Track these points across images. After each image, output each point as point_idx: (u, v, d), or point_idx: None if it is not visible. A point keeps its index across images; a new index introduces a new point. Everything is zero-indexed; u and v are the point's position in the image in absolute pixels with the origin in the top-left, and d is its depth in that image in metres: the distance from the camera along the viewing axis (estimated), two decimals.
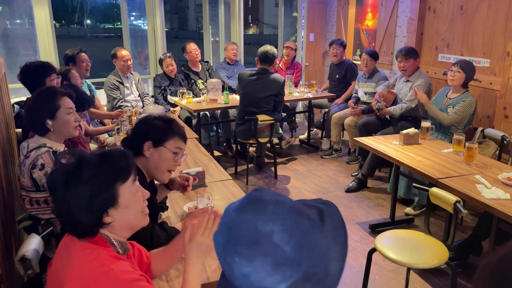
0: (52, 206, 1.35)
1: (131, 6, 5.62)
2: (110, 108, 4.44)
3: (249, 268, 0.69)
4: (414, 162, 2.83)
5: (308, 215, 0.73)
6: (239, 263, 0.70)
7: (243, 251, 0.70)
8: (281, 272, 0.68)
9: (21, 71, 2.93)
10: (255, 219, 0.71)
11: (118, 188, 1.14)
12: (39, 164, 1.96)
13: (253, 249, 0.69)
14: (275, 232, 0.69)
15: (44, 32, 4.70)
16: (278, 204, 0.73)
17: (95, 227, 1.13)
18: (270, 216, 0.71)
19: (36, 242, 1.66)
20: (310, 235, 0.70)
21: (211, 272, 1.57)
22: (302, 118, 6.32)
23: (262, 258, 0.69)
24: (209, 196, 1.83)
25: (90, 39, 32.47)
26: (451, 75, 3.45)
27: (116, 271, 1.07)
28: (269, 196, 0.75)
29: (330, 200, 0.81)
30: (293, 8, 6.85)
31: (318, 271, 0.70)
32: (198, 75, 5.18)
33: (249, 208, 0.73)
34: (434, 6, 4.42)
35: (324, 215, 0.76)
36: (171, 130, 1.75)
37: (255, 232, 0.70)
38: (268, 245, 0.69)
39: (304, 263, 0.69)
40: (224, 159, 4.91)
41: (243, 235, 0.71)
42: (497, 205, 2.17)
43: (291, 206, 0.73)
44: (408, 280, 2.35)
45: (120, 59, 4.48)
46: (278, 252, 0.68)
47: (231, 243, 0.71)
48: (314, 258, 0.70)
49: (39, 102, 2.06)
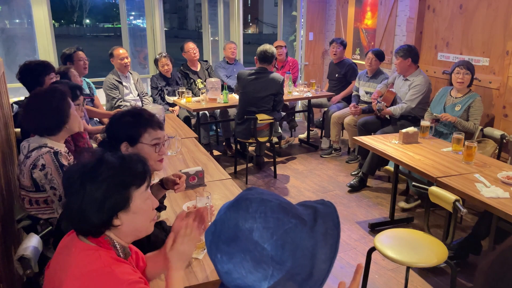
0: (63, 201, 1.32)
1: (130, 6, 5.61)
2: (109, 108, 4.44)
3: (229, 264, 0.70)
4: (414, 161, 2.83)
5: (296, 214, 0.73)
6: (221, 260, 0.71)
7: (223, 248, 0.71)
8: (262, 270, 0.68)
9: (20, 70, 2.93)
10: (236, 217, 0.72)
11: (132, 193, 1.15)
12: (40, 164, 1.94)
13: (232, 246, 0.70)
14: (255, 230, 0.70)
15: (43, 32, 4.69)
16: (262, 202, 0.73)
17: (102, 228, 1.14)
18: (252, 214, 0.71)
19: (35, 241, 1.66)
20: (294, 234, 0.70)
21: (210, 271, 1.57)
22: (302, 118, 6.32)
23: (241, 255, 0.69)
24: (208, 196, 1.83)
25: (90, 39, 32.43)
26: (461, 78, 3.43)
27: (116, 272, 1.08)
28: (256, 195, 0.75)
29: (329, 199, 0.81)
30: (292, 7, 6.84)
31: (302, 271, 0.70)
32: (197, 75, 5.18)
33: (234, 207, 0.74)
34: (433, 5, 4.42)
35: (317, 215, 0.76)
36: (142, 124, 1.67)
37: (235, 229, 0.71)
38: (247, 242, 0.69)
39: (287, 263, 0.69)
40: (223, 159, 4.91)
41: (224, 232, 0.72)
42: (497, 204, 2.17)
43: (278, 204, 0.73)
44: (408, 279, 2.35)
45: (116, 58, 4.47)
46: (258, 249, 0.69)
47: (215, 241, 0.73)
48: (298, 258, 0.70)
49: (52, 105, 1.98)
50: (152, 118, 1.71)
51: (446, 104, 3.60)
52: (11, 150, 2.70)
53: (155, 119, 1.72)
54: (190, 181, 2.30)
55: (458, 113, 3.51)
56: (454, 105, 3.53)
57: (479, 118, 3.47)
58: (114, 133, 1.69)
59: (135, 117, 1.68)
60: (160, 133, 1.72)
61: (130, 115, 1.69)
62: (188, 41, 5.17)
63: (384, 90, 4.42)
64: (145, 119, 1.69)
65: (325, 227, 0.75)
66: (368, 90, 4.71)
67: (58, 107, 1.99)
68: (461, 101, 3.50)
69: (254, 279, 0.69)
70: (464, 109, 3.48)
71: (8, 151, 2.55)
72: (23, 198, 2.05)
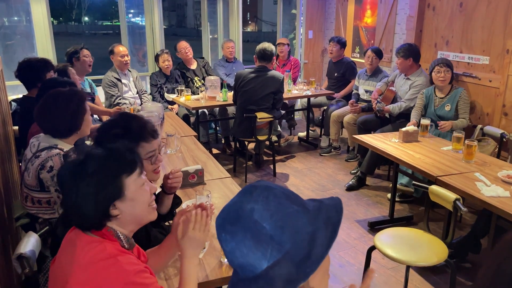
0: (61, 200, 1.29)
1: (129, 3, 5.59)
2: (108, 105, 4.42)
3: (232, 242, 0.76)
4: (414, 160, 2.82)
5: (300, 203, 0.79)
6: (225, 239, 0.77)
7: (228, 227, 0.78)
8: (262, 249, 0.74)
9: (19, 67, 2.91)
10: (241, 200, 0.79)
11: (124, 181, 1.16)
12: (48, 166, 1.92)
13: (235, 225, 0.77)
14: (255, 210, 0.76)
15: (42, 29, 4.67)
16: (266, 188, 0.80)
17: (102, 220, 1.16)
18: (255, 198, 0.78)
19: (34, 240, 1.64)
20: (295, 219, 0.76)
21: (210, 270, 1.56)
22: (301, 116, 6.31)
23: (242, 233, 0.75)
24: (208, 194, 1.82)
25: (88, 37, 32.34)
26: (442, 76, 3.49)
27: (122, 262, 1.10)
28: (262, 183, 0.82)
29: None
30: (292, 5, 6.83)
31: (301, 253, 0.75)
32: (194, 73, 5.16)
33: (240, 192, 0.82)
34: (433, 3, 4.41)
35: (322, 206, 0.81)
36: (133, 138, 1.50)
37: (239, 210, 0.77)
38: (248, 221, 0.75)
39: (286, 244, 0.74)
40: (222, 157, 4.90)
41: (229, 213, 0.79)
42: (497, 203, 2.17)
43: (281, 192, 0.80)
44: (408, 278, 2.35)
45: (117, 55, 4.45)
46: (257, 227, 0.74)
47: (221, 223, 0.79)
48: (297, 241, 0.75)
49: (69, 109, 1.98)
50: (143, 130, 1.54)
51: (435, 106, 3.61)
52: (9, 148, 2.69)
53: (147, 129, 1.55)
54: (189, 179, 2.29)
55: (450, 113, 3.54)
56: (443, 106, 3.55)
57: (468, 111, 3.54)
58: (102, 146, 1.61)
59: (125, 130, 1.50)
60: (155, 143, 1.57)
61: (120, 127, 1.51)
62: (180, 41, 5.16)
63: (384, 88, 4.41)
64: (135, 133, 1.52)
65: (328, 215, 0.80)
66: (367, 89, 4.70)
67: (75, 112, 2.00)
68: (449, 100, 3.56)
69: (255, 258, 0.74)
70: (454, 107, 3.55)
71: (6, 149, 2.54)
72: (25, 196, 2.03)
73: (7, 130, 2.74)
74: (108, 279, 1.07)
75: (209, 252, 1.67)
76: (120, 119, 1.57)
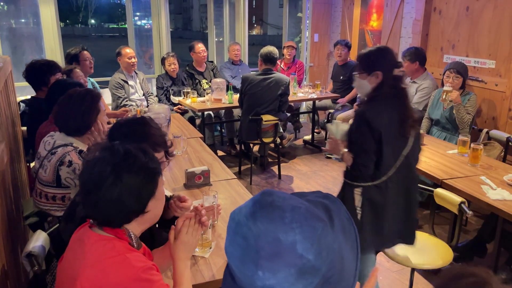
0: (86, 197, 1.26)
1: (137, 6, 5.64)
2: (115, 107, 4.45)
3: (273, 280, 0.66)
4: (419, 163, 2.82)
5: (319, 216, 0.70)
6: (263, 277, 0.67)
7: (265, 264, 0.66)
8: (304, 280, 0.66)
9: (27, 68, 2.95)
10: (274, 230, 0.67)
11: (158, 179, 1.22)
12: (67, 161, 1.98)
13: (276, 262, 0.66)
14: (297, 242, 0.66)
15: (50, 31, 4.72)
16: (294, 210, 0.69)
17: (135, 215, 1.19)
18: (289, 225, 0.67)
19: (43, 238, 1.67)
20: (325, 238, 0.68)
21: (216, 269, 1.57)
22: (306, 119, 6.31)
23: (286, 270, 0.66)
24: (215, 194, 1.84)
25: (95, 39, 32.54)
26: (450, 82, 3.44)
27: (131, 259, 1.12)
28: (283, 202, 0.71)
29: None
30: (297, 8, 6.85)
31: (335, 273, 0.69)
32: (203, 75, 5.19)
33: (264, 217, 0.69)
34: (439, 7, 4.41)
35: (332, 213, 0.73)
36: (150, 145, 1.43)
37: (277, 243, 0.66)
38: (292, 256, 0.66)
39: (323, 268, 0.67)
40: (227, 159, 4.92)
41: (263, 247, 0.67)
42: (503, 206, 2.17)
43: (306, 210, 0.70)
44: (413, 281, 2.34)
45: (124, 56, 4.49)
46: (303, 261, 0.66)
47: (251, 256, 0.68)
48: (330, 261, 0.68)
49: (83, 108, 2.03)
50: (156, 138, 1.55)
51: (444, 108, 3.60)
52: (18, 148, 2.72)
53: (155, 138, 1.55)
54: (196, 180, 2.31)
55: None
56: (452, 108, 3.53)
57: (473, 112, 3.46)
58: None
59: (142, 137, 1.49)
60: (163, 150, 1.58)
61: (128, 138, 1.45)
62: (199, 42, 5.19)
63: None
64: (150, 142, 1.49)
65: (342, 224, 0.73)
66: None
67: (87, 111, 2.04)
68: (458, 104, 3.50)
69: None
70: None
71: (15, 149, 2.57)
72: (39, 192, 2.06)
73: (16, 130, 2.78)
74: (117, 275, 1.09)
75: (215, 252, 1.68)
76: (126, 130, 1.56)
